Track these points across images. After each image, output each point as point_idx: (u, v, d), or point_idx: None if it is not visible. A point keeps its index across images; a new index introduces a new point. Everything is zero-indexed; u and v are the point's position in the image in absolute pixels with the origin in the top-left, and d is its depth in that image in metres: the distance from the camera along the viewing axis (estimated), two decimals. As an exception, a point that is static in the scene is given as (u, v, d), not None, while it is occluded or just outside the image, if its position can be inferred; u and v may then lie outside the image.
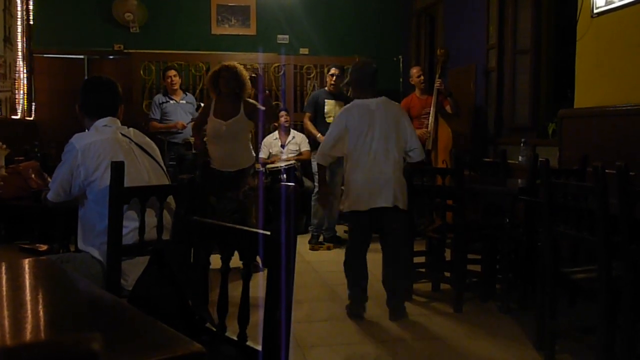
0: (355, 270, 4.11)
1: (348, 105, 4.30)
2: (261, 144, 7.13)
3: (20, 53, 7.06)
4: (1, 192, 3.55)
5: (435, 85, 6.32)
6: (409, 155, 4.18)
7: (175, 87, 7.03)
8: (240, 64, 5.44)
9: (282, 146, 7.07)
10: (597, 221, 2.88)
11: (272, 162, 6.91)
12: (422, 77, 6.54)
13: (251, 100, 5.26)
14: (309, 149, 6.89)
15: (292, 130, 7.22)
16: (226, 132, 5.11)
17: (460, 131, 6.45)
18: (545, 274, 3.29)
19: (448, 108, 6.38)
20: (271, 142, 7.14)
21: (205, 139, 5.38)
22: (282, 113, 7.09)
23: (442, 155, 6.26)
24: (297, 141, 7.11)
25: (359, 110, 4.10)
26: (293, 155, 7.03)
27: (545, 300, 3.30)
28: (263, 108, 5.15)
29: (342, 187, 4.46)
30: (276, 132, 7.18)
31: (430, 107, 6.35)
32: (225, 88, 5.15)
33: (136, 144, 2.94)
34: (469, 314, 4.17)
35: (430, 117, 6.32)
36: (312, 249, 6.26)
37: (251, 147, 5.38)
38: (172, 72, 7.04)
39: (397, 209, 4.00)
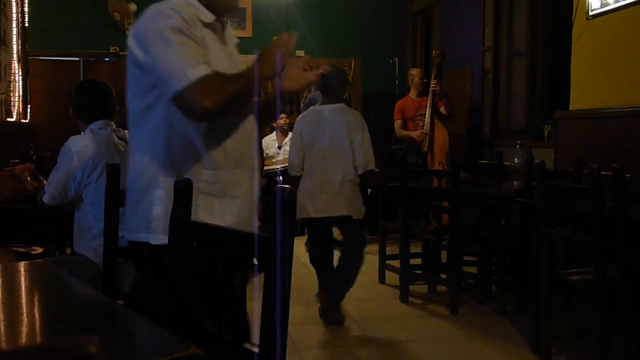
0: (322, 270, 4.11)
1: (302, 113, 4.28)
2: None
3: (15, 55, 7.06)
4: None
5: (431, 86, 6.32)
6: (355, 166, 3.97)
7: None
8: None
9: (279, 147, 7.08)
10: (592, 223, 2.88)
11: (269, 164, 6.91)
12: (424, 80, 6.54)
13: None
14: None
15: (290, 132, 7.22)
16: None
17: (457, 133, 6.46)
18: (540, 276, 3.29)
19: (442, 109, 6.37)
20: (269, 143, 7.14)
21: None
22: (282, 115, 7.09)
23: (438, 157, 6.26)
24: (294, 142, 7.11)
25: (310, 117, 4.08)
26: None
27: (541, 302, 3.30)
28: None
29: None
30: (274, 133, 7.18)
31: (425, 109, 6.35)
32: None
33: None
34: (465, 315, 4.17)
35: (426, 119, 6.32)
36: (308, 251, 6.25)
37: None
38: None
39: (350, 218, 3.93)
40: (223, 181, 1.94)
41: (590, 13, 4.65)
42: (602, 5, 4.52)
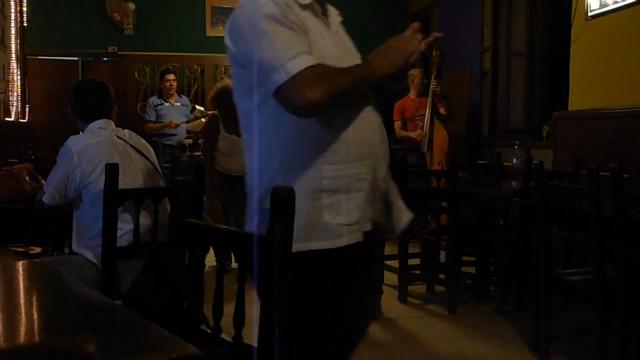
0: None
1: None
2: None
3: (13, 55, 7.05)
4: None
5: (431, 87, 6.32)
6: None
7: (173, 91, 7.02)
8: None
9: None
10: (591, 223, 2.88)
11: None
12: (425, 80, 6.55)
13: None
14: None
15: None
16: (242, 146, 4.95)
17: (456, 133, 6.46)
18: (539, 276, 3.29)
19: (442, 110, 6.38)
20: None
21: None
22: None
23: (438, 157, 6.26)
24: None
25: None
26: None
27: (540, 302, 3.31)
28: None
29: None
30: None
31: (425, 109, 6.35)
32: (231, 112, 4.99)
33: (131, 146, 2.94)
34: (463, 316, 4.17)
35: (426, 119, 6.32)
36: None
37: None
38: (171, 76, 7.02)
39: None
40: (347, 175, 1.76)
41: (589, 14, 4.65)
42: (601, 6, 4.53)
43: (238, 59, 1.75)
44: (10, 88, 6.93)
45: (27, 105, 7.63)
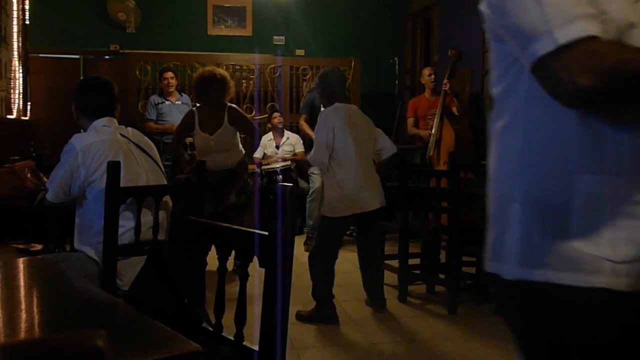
0: (331, 273, 4.11)
1: (333, 107, 4.13)
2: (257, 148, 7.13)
3: (15, 53, 7.05)
4: None
5: (443, 86, 6.34)
6: (379, 154, 4.30)
7: (172, 89, 7.01)
8: (237, 65, 5.31)
9: (277, 147, 7.09)
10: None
11: (268, 163, 6.92)
12: (432, 77, 6.55)
13: (237, 108, 5.08)
14: (303, 149, 6.95)
15: (285, 131, 7.23)
16: (215, 146, 4.92)
17: (464, 134, 6.43)
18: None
19: (455, 109, 6.40)
20: (266, 143, 7.14)
21: (190, 152, 5.23)
22: (276, 114, 7.12)
23: (445, 157, 6.27)
24: (292, 142, 7.13)
25: (343, 112, 4.09)
26: (288, 156, 7.05)
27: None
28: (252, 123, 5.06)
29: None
30: (270, 133, 7.19)
31: (437, 109, 6.38)
32: (215, 100, 4.92)
33: (135, 144, 2.94)
34: (463, 316, 4.18)
35: (436, 119, 6.34)
36: (307, 250, 6.26)
37: (241, 146, 5.16)
38: (170, 74, 7.02)
39: (380, 208, 4.11)
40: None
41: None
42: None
43: (494, 30, 1.33)
44: (12, 86, 6.93)
45: (29, 103, 7.63)
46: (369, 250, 4.22)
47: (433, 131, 6.35)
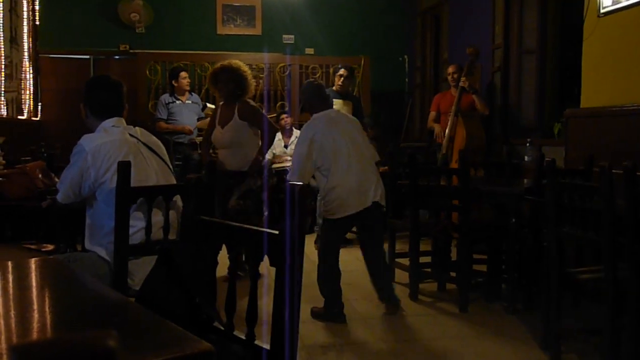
0: (337, 273, 4.11)
1: (310, 120, 4.19)
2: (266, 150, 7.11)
3: (26, 53, 7.09)
4: (4, 190, 3.56)
5: (460, 83, 6.33)
6: None
7: (188, 88, 7.06)
8: (246, 64, 5.24)
9: (285, 146, 7.09)
10: (603, 221, 2.87)
11: (278, 162, 6.92)
12: (455, 75, 6.52)
13: (250, 102, 4.97)
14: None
15: (294, 130, 7.22)
16: (222, 139, 4.87)
17: (476, 132, 6.40)
18: (550, 275, 3.28)
19: (477, 105, 6.37)
20: (275, 143, 7.15)
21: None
22: (283, 116, 7.13)
23: (457, 154, 6.26)
24: (300, 141, 7.12)
25: (321, 121, 4.09)
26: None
27: (551, 301, 3.29)
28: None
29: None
30: (279, 132, 7.19)
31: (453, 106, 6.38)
32: (224, 91, 4.86)
33: (144, 144, 2.94)
34: (474, 314, 4.17)
35: (450, 116, 6.33)
36: (317, 249, 6.25)
37: (255, 148, 4.99)
38: (185, 74, 7.04)
39: (379, 205, 4.08)
40: None
41: (602, 11, 4.62)
42: (614, 3, 4.50)
43: None
44: (22, 86, 6.97)
45: (39, 104, 7.67)
46: (374, 252, 4.17)
47: (447, 130, 6.34)
